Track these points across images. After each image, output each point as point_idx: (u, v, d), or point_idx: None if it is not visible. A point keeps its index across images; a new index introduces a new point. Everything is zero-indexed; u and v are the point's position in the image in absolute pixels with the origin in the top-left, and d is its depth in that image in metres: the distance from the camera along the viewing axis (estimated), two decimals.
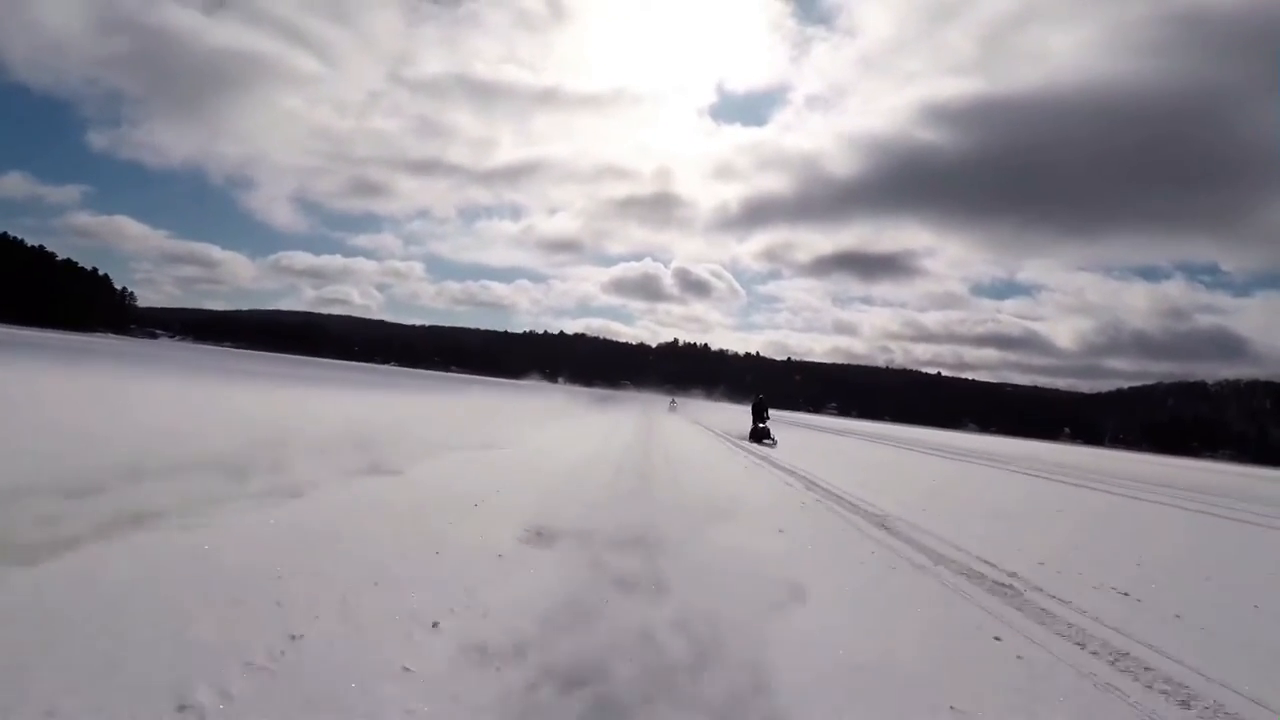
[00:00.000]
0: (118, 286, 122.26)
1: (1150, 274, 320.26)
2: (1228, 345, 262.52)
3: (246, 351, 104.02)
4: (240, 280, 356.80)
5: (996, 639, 3.70)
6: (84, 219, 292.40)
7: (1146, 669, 3.44)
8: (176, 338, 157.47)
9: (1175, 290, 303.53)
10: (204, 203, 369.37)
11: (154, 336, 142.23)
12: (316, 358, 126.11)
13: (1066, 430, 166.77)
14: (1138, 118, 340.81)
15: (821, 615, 3.79)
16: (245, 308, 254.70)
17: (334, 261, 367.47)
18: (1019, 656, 3.46)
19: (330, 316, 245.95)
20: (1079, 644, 3.74)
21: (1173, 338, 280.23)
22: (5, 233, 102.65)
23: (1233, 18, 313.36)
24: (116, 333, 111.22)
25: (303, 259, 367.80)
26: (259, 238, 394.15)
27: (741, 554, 4.97)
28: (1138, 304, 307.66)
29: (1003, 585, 4.92)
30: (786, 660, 3.03)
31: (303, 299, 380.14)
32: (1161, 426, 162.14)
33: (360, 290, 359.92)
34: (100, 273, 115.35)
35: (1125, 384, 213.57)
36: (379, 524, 4.84)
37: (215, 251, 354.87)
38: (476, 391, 33.07)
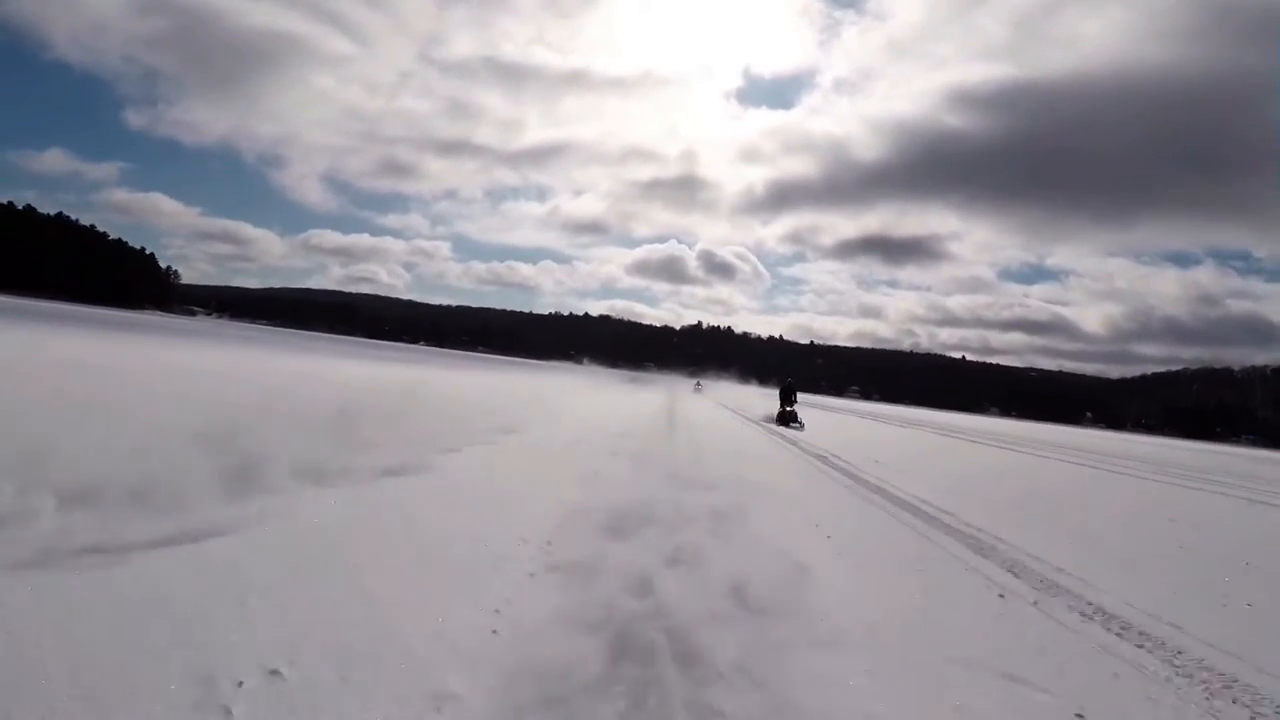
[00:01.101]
0: (161, 265, 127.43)
1: (1181, 260, 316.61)
2: (1260, 331, 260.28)
3: (293, 331, 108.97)
4: (270, 258, 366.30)
5: (884, 517, 7.09)
6: (121, 195, 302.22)
7: (946, 522, 6.80)
8: (214, 315, 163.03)
9: (1206, 276, 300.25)
10: (237, 181, 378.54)
11: (192, 314, 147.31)
12: (352, 336, 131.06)
13: (1089, 415, 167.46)
14: (1169, 103, 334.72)
15: (783, 505, 7.21)
16: (276, 285, 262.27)
17: (362, 240, 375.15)
18: (891, 518, 6.84)
19: (359, 295, 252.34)
20: (950, 531, 7.10)
21: (1204, 324, 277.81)
22: (61, 212, 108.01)
23: (1266, 3, 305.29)
24: (161, 310, 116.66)
25: (332, 238, 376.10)
26: (290, 216, 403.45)
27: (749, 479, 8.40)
28: (1168, 290, 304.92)
29: (909, 503, 8.28)
30: (759, 517, 6.44)
31: (331, 277, 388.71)
32: (1185, 412, 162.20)
33: (388, 269, 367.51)
34: (146, 251, 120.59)
35: (1154, 369, 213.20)
36: (560, 451, 8.35)
37: (247, 229, 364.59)
38: (517, 372, 36.77)
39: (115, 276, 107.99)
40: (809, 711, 2.43)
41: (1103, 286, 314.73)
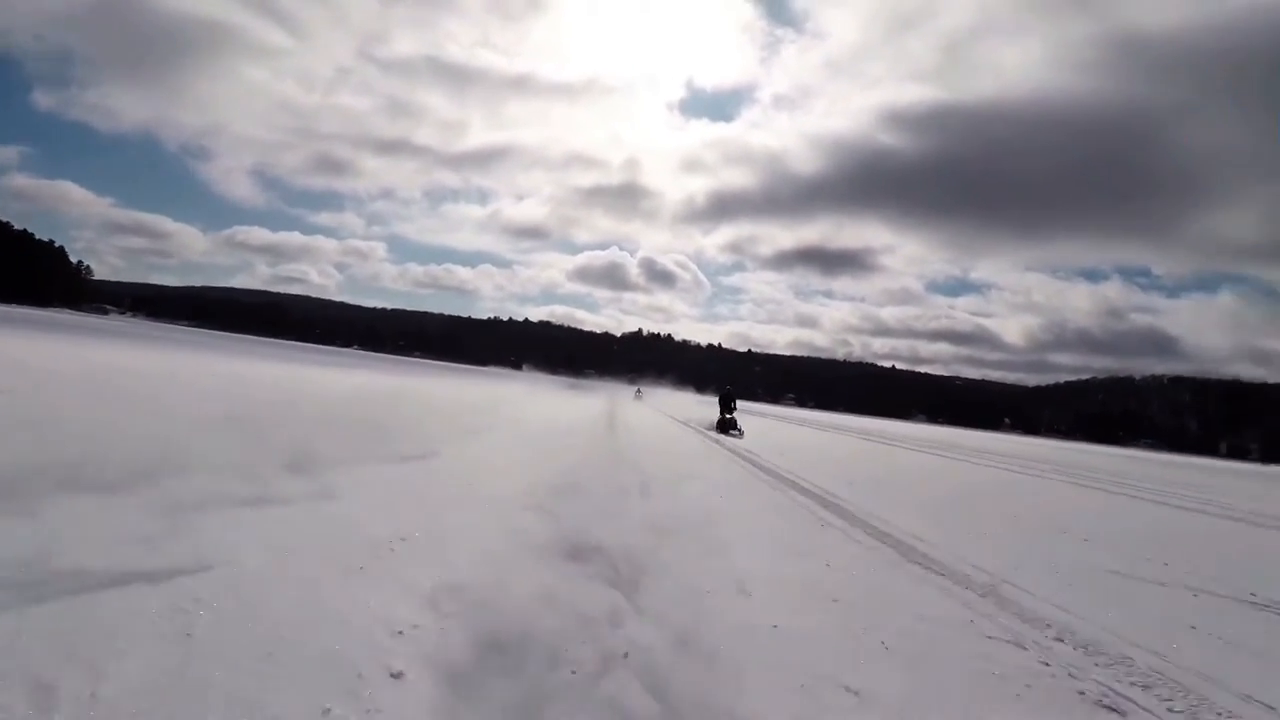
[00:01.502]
0: (72, 260, 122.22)
1: (1092, 275, 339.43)
2: (1160, 343, 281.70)
3: (220, 333, 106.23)
4: (191, 254, 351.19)
5: (786, 499, 9.41)
6: (22, 181, 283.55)
7: (825, 500, 9.16)
8: (129, 314, 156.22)
9: (1113, 291, 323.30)
10: (156, 172, 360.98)
11: (104, 313, 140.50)
12: (281, 339, 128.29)
13: (1007, 421, 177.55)
14: (1081, 130, 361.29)
15: (698, 481, 9.46)
16: (197, 283, 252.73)
17: (292, 239, 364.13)
18: (795, 502, 9.15)
19: (287, 296, 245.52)
20: (829, 506, 9.46)
21: (1111, 335, 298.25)
22: None
23: (1163, 43, 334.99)
24: (72, 308, 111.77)
25: (259, 235, 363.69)
26: (214, 211, 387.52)
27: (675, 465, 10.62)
28: (1080, 303, 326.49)
29: (799, 485, 10.63)
30: (689, 497, 8.65)
31: (258, 276, 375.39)
32: (1092, 418, 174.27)
33: (319, 269, 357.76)
34: (56, 244, 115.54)
35: (1067, 378, 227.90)
36: (522, 445, 10.36)
37: (166, 223, 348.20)
38: (460, 379, 38.30)
39: (21, 271, 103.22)
40: (715, 571, 4.61)
41: (1021, 299, 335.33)
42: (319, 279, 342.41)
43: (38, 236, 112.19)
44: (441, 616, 3.07)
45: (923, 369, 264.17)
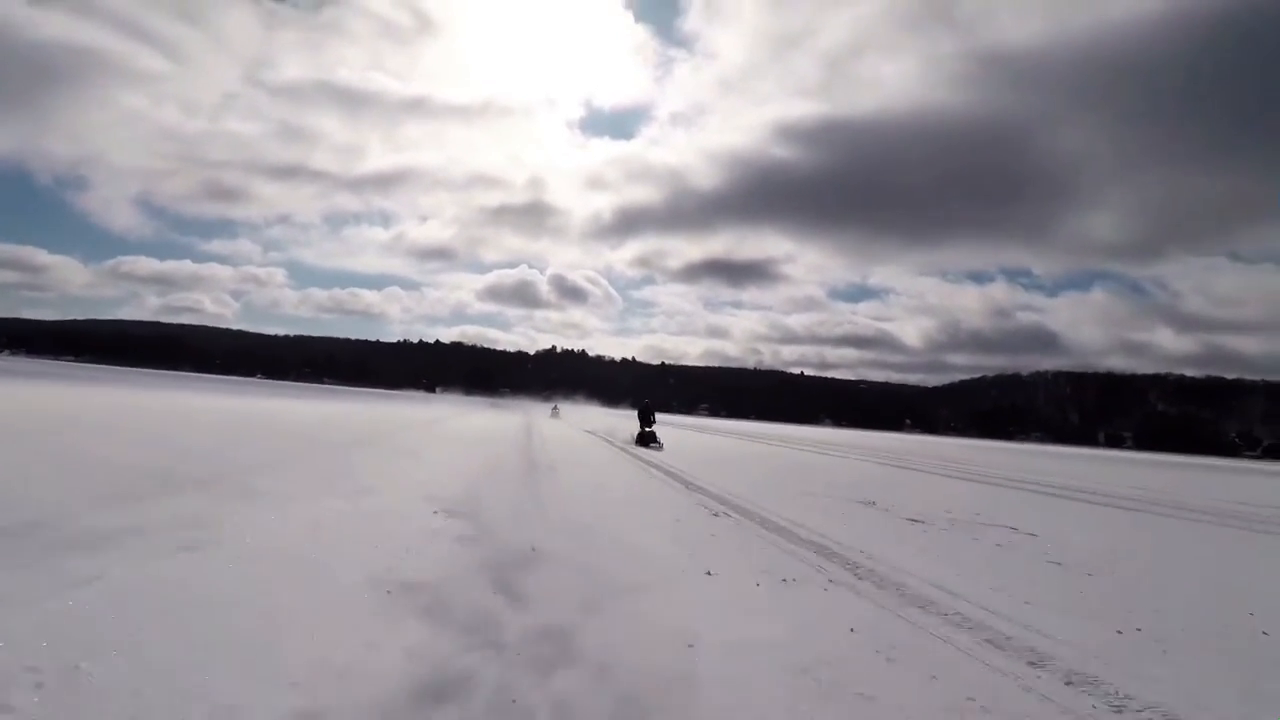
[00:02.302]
0: None
1: (979, 278, 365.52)
2: (1043, 340, 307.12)
3: (112, 367, 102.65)
4: (71, 287, 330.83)
5: (678, 490, 13.70)
6: None
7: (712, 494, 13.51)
8: (5, 352, 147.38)
9: (999, 292, 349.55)
10: (25, 203, 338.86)
11: None
12: (178, 371, 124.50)
13: (908, 421, 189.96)
14: (955, 141, 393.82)
15: (587, 469, 13.65)
16: (79, 316, 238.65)
17: (183, 267, 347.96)
18: (655, 478, 13.45)
19: (180, 326, 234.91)
20: (714, 496, 13.79)
21: (1000, 334, 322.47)
22: None
23: (1023, 56, 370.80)
24: None
25: (146, 264, 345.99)
26: (94, 242, 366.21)
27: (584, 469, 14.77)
28: (970, 304, 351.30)
29: (680, 476, 14.94)
30: (603, 495, 12.80)
31: (146, 307, 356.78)
32: (985, 414, 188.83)
33: (213, 298, 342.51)
34: None
35: (962, 377, 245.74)
36: (454, 448, 14.22)
37: (40, 255, 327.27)
38: (375, 402, 41.23)
39: None
40: (612, 528, 8.77)
41: (917, 303, 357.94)
42: (214, 308, 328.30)
43: None
44: (461, 490, 7.10)
45: (830, 374, 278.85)
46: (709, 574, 5.18)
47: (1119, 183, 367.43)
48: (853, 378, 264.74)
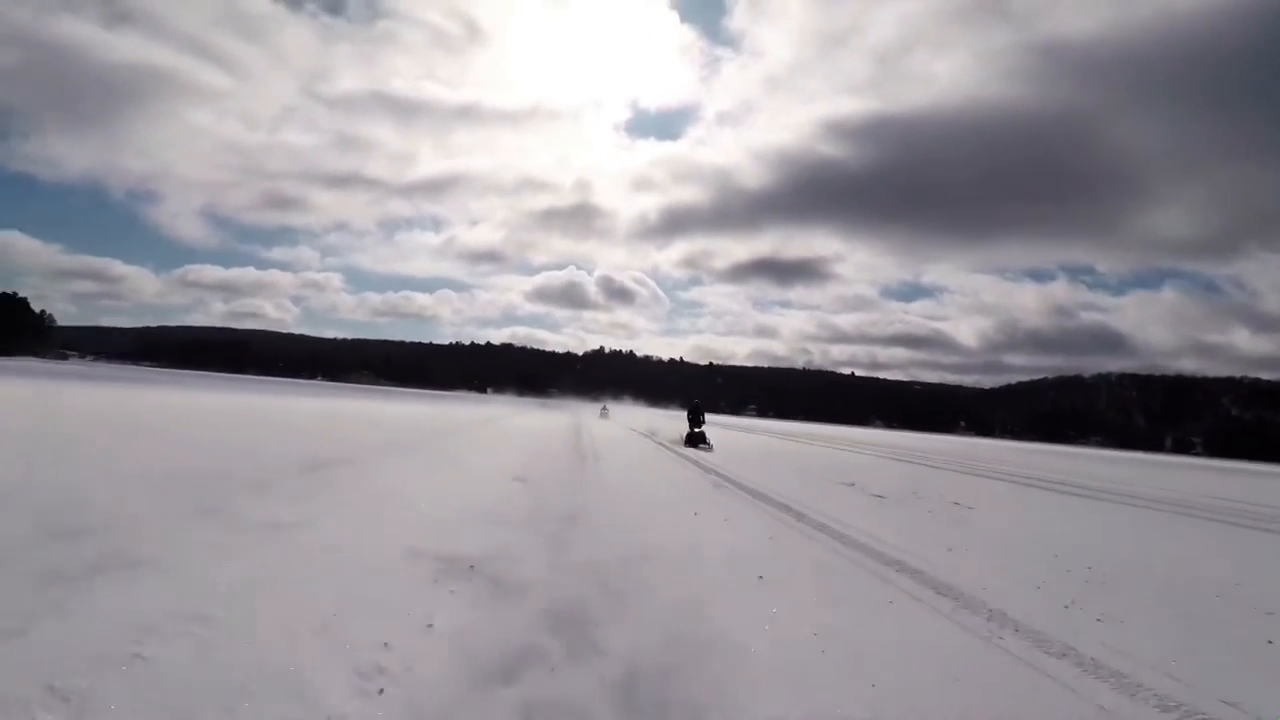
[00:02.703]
0: (35, 309, 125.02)
1: (1039, 275, 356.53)
2: (1108, 340, 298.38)
3: (190, 372, 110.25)
4: (144, 296, 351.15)
5: (714, 487, 16.51)
6: None
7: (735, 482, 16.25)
8: (88, 359, 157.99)
9: (1060, 290, 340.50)
10: (104, 217, 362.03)
11: (64, 358, 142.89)
12: (245, 375, 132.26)
13: (962, 423, 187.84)
14: (1013, 136, 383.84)
15: (651, 485, 16.51)
16: (152, 324, 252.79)
17: (246, 274, 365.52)
18: (716, 487, 16.26)
19: (245, 331, 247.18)
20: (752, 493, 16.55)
21: (1061, 334, 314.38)
22: None
23: (1084, 47, 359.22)
24: (37, 356, 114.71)
25: (212, 272, 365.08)
26: (165, 252, 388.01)
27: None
28: (1029, 303, 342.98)
29: (719, 472, 17.65)
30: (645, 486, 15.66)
31: (213, 313, 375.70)
32: (1043, 417, 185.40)
33: (275, 303, 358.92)
34: (19, 296, 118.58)
35: (1021, 378, 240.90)
36: (516, 441, 17.26)
37: (117, 266, 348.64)
38: (440, 404, 44.91)
39: None
40: (638, 491, 11.61)
41: (973, 301, 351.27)
42: (276, 313, 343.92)
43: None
44: (532, 466, 9.99)
45: (881, 374, 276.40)
46: (695, 514, 7.96)
47: (1190, 177, 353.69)
48: (905, 378, 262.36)
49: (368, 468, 9.26)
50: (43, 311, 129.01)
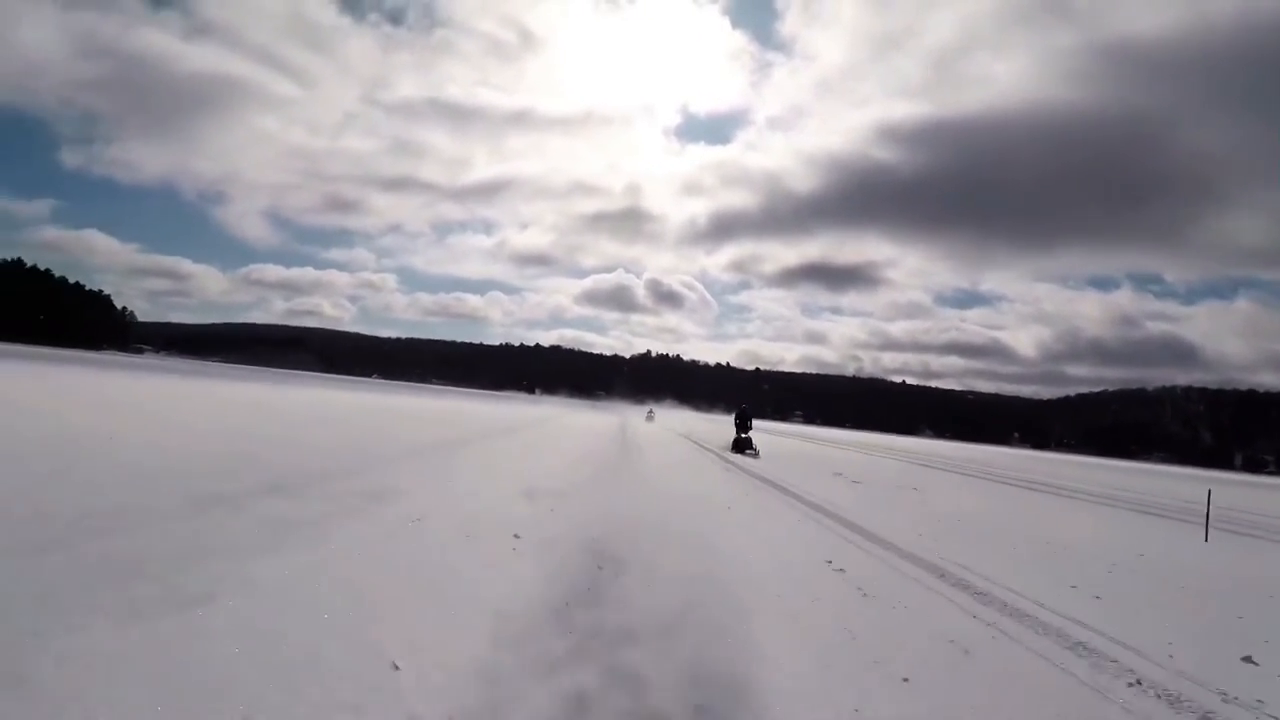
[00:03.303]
0: (117, 305, 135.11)
1: (1102, 284, 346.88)
2: (1178, 352, 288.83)
3: (258, 367, 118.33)
4: (210, 293, 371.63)
5: (758, 486, 20.32)
6: (52, 233, 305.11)
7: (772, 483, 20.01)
8: (161, 353, 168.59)
9: (1126, 299, 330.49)
10: (176, 218, 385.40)
11: (140, 352, 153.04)
12: (308, 371, 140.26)
13: (1016, 435, 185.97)
14: (1076, 139, 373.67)
15: (684, 482, 20.36)
16: (216, 320, 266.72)
17: (306, 274, 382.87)
18: (759, 486, 20.05)
19: (303, 329, 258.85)
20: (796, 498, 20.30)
21: (1127, 345, 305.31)
22: (19, 258, 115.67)
23: (1153, 48, 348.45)
24: (119, 350, 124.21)
25: (274, 272, 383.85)
26: (231, 251, 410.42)
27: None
28: (1092, 312, 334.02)
29: (753, 472, 21.37)
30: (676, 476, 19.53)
31: (273, 311, 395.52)
32: (1103, 430, 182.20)
33: (332, 302, 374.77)
34: (104, 294, 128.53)
35: (1083, 390, 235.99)
36: (574, 436, 21.29)
37: (186, 265, 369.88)
38: (500, 401, 49.45)
39: (74, 318, 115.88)
40: (667, 473, 15.49)
41: (1032, 310, 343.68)
42: (333, 311, 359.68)
43: (88, 287, 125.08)
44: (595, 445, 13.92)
45: (934, 383, 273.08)
46: (702, 479, 11.75)
47: (1269, 182, 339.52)
48: (959, 388, 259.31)
49: (477, 447, 13.32)
50: (124, 308, 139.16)
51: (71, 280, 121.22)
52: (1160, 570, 7.78)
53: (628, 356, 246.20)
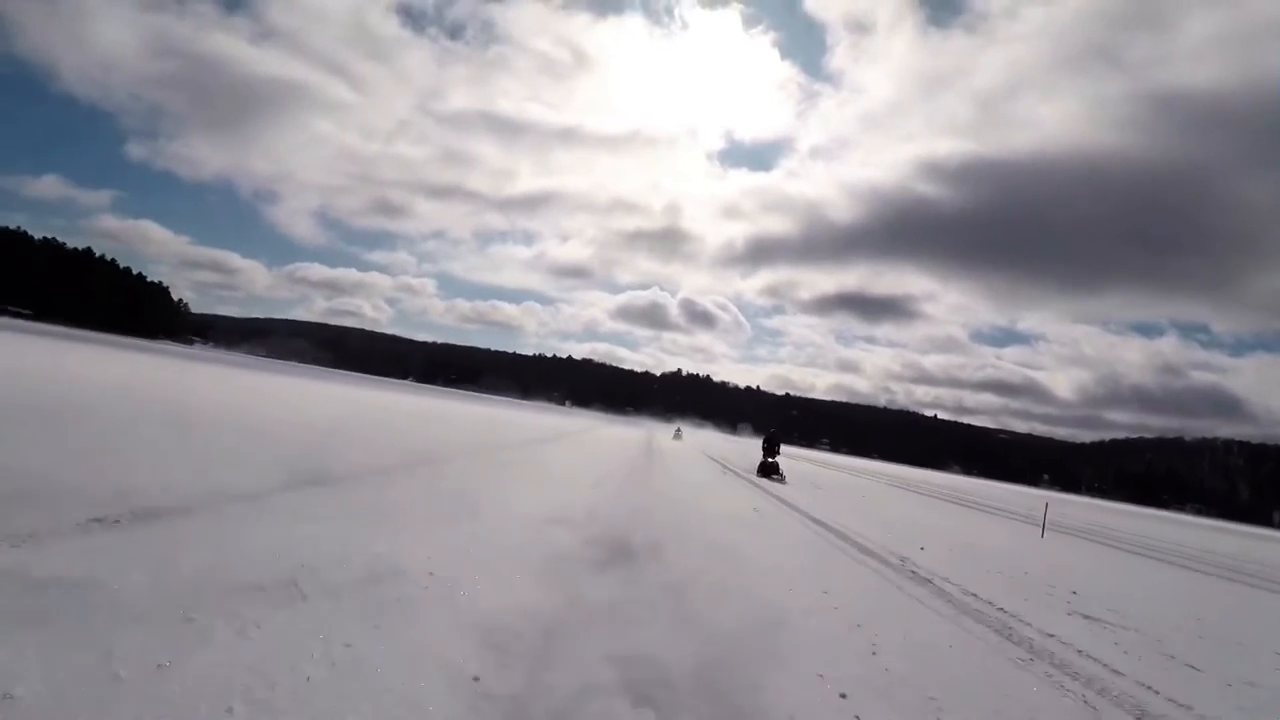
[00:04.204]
0: (174, 297, 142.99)
1: (1146, 330, 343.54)
2: (1223, 403, 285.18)
3: (311, 366, 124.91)
4: (256, 288, 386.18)
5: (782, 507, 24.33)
6: (110, 222, 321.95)
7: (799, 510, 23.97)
8: (209, 345, 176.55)
9: (1169, 347, 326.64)
10: (229, 213, 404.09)
11: (190, 343, 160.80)
12: (344, 370, 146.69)
13: (1046, 477, 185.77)
14: (1121, 184, 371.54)
15: (709, 500, 24.42)
16: (259, 315, 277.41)
17: (349, 275, 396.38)
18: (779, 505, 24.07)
19: (342, 328, 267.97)
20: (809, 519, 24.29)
21: (1170, 393, 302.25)
22: (89, 247, 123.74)
23: (1205, 100, 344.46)
24: (172, 339, 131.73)
25: (318, 271, 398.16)
26: (278, 248, 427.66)
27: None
28: (1134, 358, 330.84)
29: (759, 485, 25.33)
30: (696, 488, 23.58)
31: (314, 309, 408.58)
32: (1135, 478, 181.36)
33: (372, 303, 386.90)
34: (163, 285, 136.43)
35: (1124, 435, 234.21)
36: (607, 446, 25.44)
37: (235, 259, 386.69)
38: (538, 411, 53.91)
39: (133, 307, 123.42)
40: (683, 472, 19.57)
41: (1071, 352, 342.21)
42: (372, 313, 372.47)
43: (149, 279, 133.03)
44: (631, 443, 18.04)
45: (967, 420, 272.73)
46: (707, 480, 15.77)
47: None
48: (993, 425, 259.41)
49: (535, 450, 17.49)
50: (180, 300, 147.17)
51: (123, 267, 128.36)
52: (962, 539, 11.62)
53: (658, 374, 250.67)
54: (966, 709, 3.71)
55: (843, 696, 3.61)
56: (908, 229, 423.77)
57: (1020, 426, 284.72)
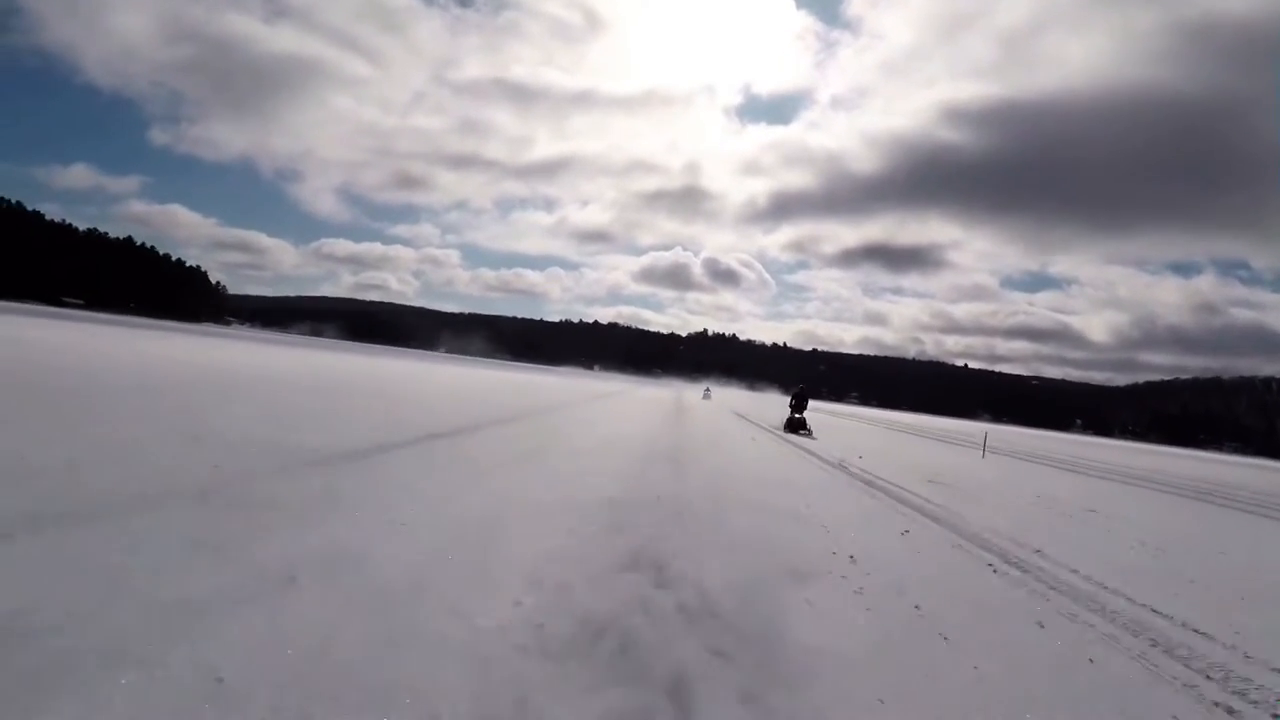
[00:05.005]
0: (212, 280, 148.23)
1: (1183, 269, 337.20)
2: (1265, 341, 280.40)
3: (341, 341, 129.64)
4: (283, 266, 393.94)
5: (801, 457, 27.39)
6: (140, 207, 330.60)
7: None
8: (245, 324, 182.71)
9: (1208, 285, 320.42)
10: (254, 193, 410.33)
11: (227, 324, 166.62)
12: (378, 344, 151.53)
13: (1079, 422, 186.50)
14: (1154, 120, 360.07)
15: (732, 451, 27.50)
16: (289, 293, 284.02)
17: (374, 249, 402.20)
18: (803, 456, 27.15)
19: (370, 302, 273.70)
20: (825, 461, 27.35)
21: (1208, 333, 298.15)
22: (129, 235, 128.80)
23: (1239, 29, 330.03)
24: (215, 322, 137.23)
25: (344, 246, 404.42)
26: (303, 226, 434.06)
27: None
28: (1171, 298, 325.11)
29: (831, 461, 28.36)
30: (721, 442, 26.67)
31: (342, 284, 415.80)
32: (1171, 419, 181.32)
33: (398, 276, 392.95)
34: (202, 269, 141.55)
35: (1161, 377, 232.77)
36: (642, 405, 28.62)
37: (262, 239, 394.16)
38: (571, 377, 57.20)
39: (175, 292, 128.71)
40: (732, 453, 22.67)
41: (1105, 295, 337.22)
42: (398, 285, 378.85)
43: (188, 264, 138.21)
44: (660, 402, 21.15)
45: (999, 367, 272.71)
46: (725, 423, 18.82)
47: None
48: (1025, 372, 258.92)
49: (578, 410, 20.64)
50: (217, 282, 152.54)
51: (163, 254, 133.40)
52: (901, 456, 14.52)
53: (684, 335, 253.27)
54: (840, 505, 6.93)
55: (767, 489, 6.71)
56: (932, 176, 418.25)
57: (1054, 372, 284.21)
